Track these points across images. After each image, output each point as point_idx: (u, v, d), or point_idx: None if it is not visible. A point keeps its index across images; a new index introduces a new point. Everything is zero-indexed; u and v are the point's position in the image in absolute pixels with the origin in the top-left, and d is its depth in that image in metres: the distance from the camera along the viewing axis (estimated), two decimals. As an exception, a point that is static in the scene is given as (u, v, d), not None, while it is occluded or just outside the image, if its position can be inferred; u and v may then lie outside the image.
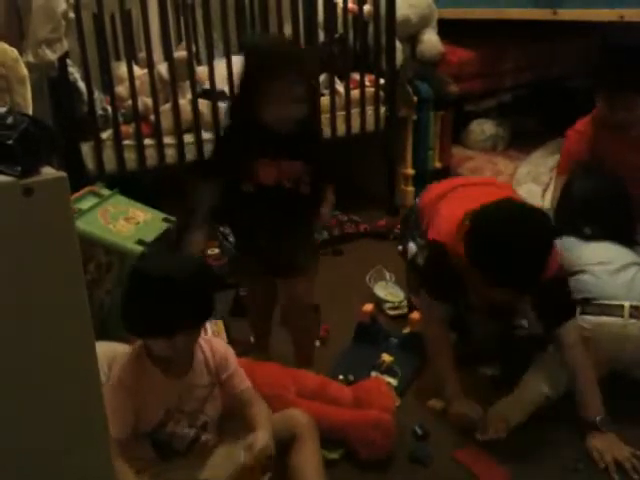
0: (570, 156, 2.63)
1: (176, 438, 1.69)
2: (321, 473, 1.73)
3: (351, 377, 2.23)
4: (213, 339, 1.85)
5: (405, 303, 2.76)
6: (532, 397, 2.03)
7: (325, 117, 3.42)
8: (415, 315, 2.50)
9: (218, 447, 1.75)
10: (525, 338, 2.34)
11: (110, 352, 1.96)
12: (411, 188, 3.77)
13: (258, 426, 1.67)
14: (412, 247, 2.40)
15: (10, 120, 0.82)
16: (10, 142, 0.81)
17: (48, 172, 0.86)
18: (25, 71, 1.05)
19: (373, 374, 2.27)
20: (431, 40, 3.73)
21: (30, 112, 1.07)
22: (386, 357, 2.35)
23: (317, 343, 2.50)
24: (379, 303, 2.75)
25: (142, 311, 1.56)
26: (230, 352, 1.80)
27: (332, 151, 1.98)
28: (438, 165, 3.83)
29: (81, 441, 0.98)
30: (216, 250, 3.14)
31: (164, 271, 1.56)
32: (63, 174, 0.84)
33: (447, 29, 3.76)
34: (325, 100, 3.41)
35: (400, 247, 2.60)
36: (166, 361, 1.65)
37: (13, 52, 1.07)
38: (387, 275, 2.90)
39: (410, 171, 3.76)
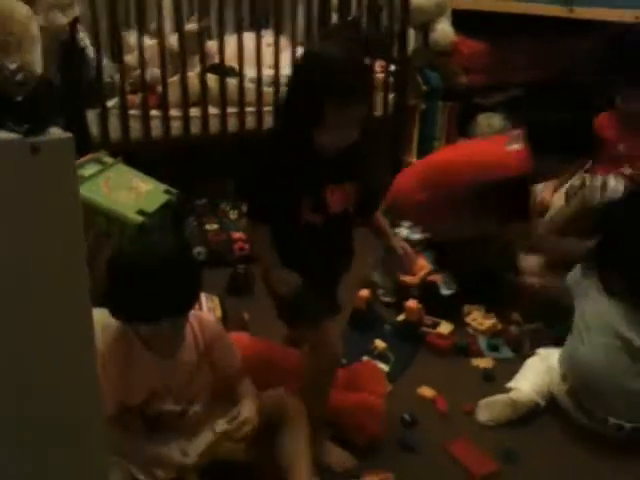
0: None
1: (164, 413, 1.69)
2: (310, 458, 1.73)
3: (344, 360, 2.23)
4: (204, 315, 1.82)
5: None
6: (524, 402, 2.04)
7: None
8: (411, 303, 2.50)
9: (206, 421, 1.75)
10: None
11: (105, 320, 1.96)
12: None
13: (243, 400, 1.68)
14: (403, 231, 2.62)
15: (20, 77, 0.81)
16: (19, 99, 0.80)
17: (55, 132, 0.85)
18: (37, 30, 1.03)
19: (365, 359, 2.28)
20: (444, 29, 3.70)
21: (39, 72, 1.05)
22: (379, 343, 2.36)
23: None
24: (375, 289, 2.75)
25: (125, 297, 1.52)
26: (221, 329, 1.78)
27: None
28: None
29: (77, 407, 0.97)
30: (215, 226, 3.13)
31: (147, 256, 1.52)
32: (69, 135, 0.84)
33: (460, 20, 3.73)
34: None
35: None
36: (153, 341, 1.63)
37: (25, 9, 1.05)
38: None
39: (414, 160, 3.75)
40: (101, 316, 1.91)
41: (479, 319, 2.49)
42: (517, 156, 2.48)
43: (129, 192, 2.37)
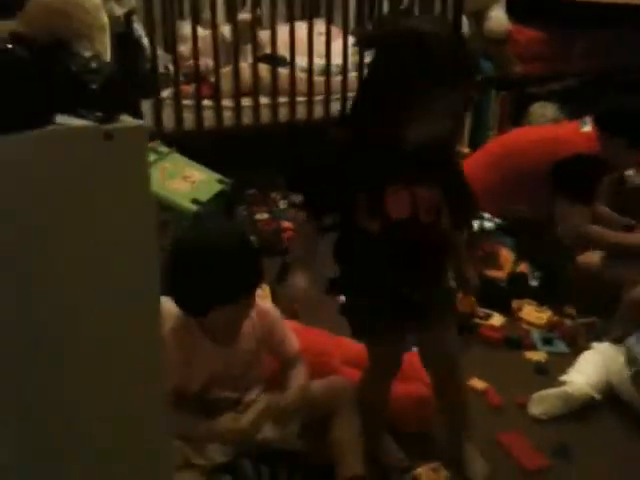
0: None
1: (221, 400, 1.72)
2: (359, 444, 1.73)
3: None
4: (260, 303, 1.85)
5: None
6: (578, 396, 2.00)
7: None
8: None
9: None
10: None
11: (165, 308, 1.99)
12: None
13: (289, 385, 1.69)
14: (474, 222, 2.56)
15: (94, 65, 0.83)
16: (94, 86, 0.82)
17: (127, 120, 0.87)
18: (106, 19, 1.06)
19: (414, 349, 2.26)
20: (498, 17, 3.64)
21: (109, 60, 1.08)
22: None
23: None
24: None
25: (192, 285, 1.52)
26: (278, 317, 1.79)
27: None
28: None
29: (142, 397, 1.00)
30: (265, 215, 3.15)
31: (210, 239, 1.54)
32: (142, 122, 0.85)
33: (515, 7, 3.66)
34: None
35: None
36: (215, 330, 1.65)
37: (95, -1, 1.08)
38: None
39: (466, 150, 3.70)
40: (167, 304, 1.96)
41: (533, 313, 2.45)
42: (589, 136, 2.47)
43: (184, 181, 2.41)
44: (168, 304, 1.90)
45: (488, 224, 2.69)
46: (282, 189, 3.37)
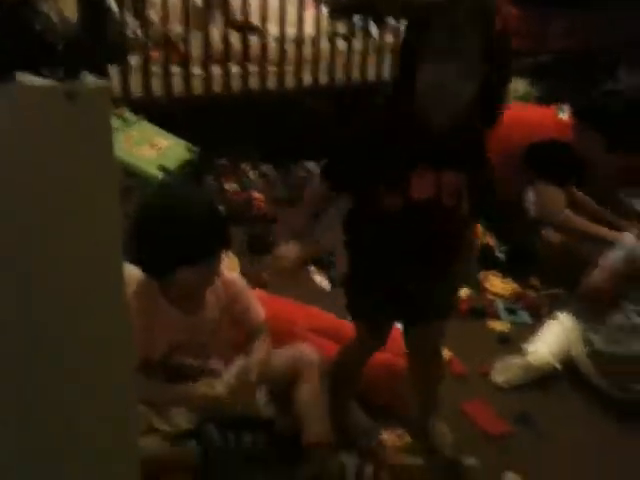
0: None
1: (183, 368, 1.72)
2: (324, 409, 1.75)
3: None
4: (226, 272, 1.83)
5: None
6: (540, 365, 2.05)
7: (357, 60, 3.37)
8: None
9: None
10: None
11: (127, 274, 1.98)
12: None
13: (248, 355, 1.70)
14: None
15: (59, 25, 0.81)
16: (57, 46, 0.80)
17: (90, 80, 0.85)
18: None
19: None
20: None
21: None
22: (398, 305, 2.37)
23: (330, 286, 2.52)
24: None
25: (158, 244, 1.52)
26: (243, 286, 1.79)
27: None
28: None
29: (105, 354, 0.99)
30: (235, 185, 3.13)
31: (178, 201, 1.55)
32: (106, 82, 0.84)
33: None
34: (358, 43, 3.36)
35: None
36: (179, 296, 1.65)
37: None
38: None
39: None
40: (133, 270, 1.94)
41: (498, 284, 2.49)
42: (564, 123, 2.52)
43: (150, 148, 2.38)
44: (130, 269, 1.89)
45: None
46: (252, 159, 3.35)
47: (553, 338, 2.10)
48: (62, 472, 1.02)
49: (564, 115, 2.53)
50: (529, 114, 2.65)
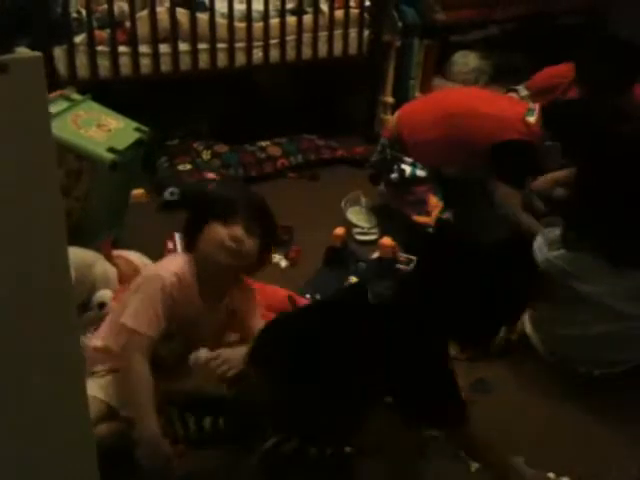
0: None
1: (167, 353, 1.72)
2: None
3: (318, 297, 2.25)
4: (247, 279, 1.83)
5: (376, 230, 2.77)
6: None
7: (307, 37, 3.33)
8: (385, 241, 2.51)
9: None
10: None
11: (77, 259, 1.94)
12: (390, 117, 3.71)
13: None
14: (407, 167, 2.69)
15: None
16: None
17: (24, 52, 0.82)
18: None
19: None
20: (421, -36, 3.62)
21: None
22: (354, 280, 2.37)
23: (284, 264, 2.53)
24: (350, 228, 2.76)
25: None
26: (255, 297, 1.82)
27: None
28: (418, 95, 3.77)
29: (50, 334, 0.97)
30: (188, 166, 3.09)
31: None
32: (39, 54, 0.80)
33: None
34: (308, 19, 3.32)
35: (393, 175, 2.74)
36: (205, 286, 1.69)
37: None
38: (363, 201, 2.90)
39: (390, 99, 3.70)
40: (79, 254, 1.91)
41: None
42: (530, 127, 2.54)
43: (99, 129, 2.31)
44: (84, 253, 1.86)
45: (420, 172, 2.72)
46: (205, 139, 3.30)
47: None
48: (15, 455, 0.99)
49: (532, 118, 2.54)
50: (500, 110, 2.62)
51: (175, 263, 1.69)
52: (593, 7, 3.95)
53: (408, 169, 2.72)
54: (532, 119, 2.54)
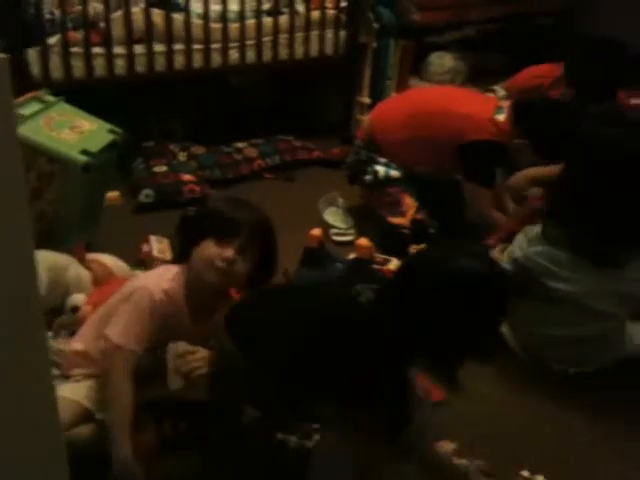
0: None
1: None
2: None
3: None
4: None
5: (353, 230, 2.77)
6: None
7: (283, 38, 3.33)
8: (362, 241, 2.52)
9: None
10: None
11: (50, 262, 1.92)
12: (367, 118, 3.72)
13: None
14: (380, 168, 2.70)
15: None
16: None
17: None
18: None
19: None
20: (396, -35, 3.63)
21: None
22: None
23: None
24: (327, 229, 2.76)
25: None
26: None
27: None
28: (394, 95, 3.78)
29: (17, 339, 0.95)
30: (164, 168, 3.07)
31: None
32: (4, 56, 0.79)
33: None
34: (284, 19, 3.31)
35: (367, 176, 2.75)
36: (195, 304, 1.68)
37: None
38: (339, 202, 2.90)
39: (367, 100, 3.71)
40: (43, 258, 1.89)
41: None
42: (499, 125, 2.53)
43: (72, 131, 2.29)
44: (57, 257, 1.84)
45: (394, 172, 2.73)
46: (181, 140, 3.28)
47: None
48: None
49: (501, 116, 2.54)
50: (469, 109, 2.61)
51: (166, 278, 1.68)
52: (565, 8, 3.98)
53: (382, 170, 2.73)
54: (501, 117, 2.54)
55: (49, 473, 1.08)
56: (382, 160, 2.74)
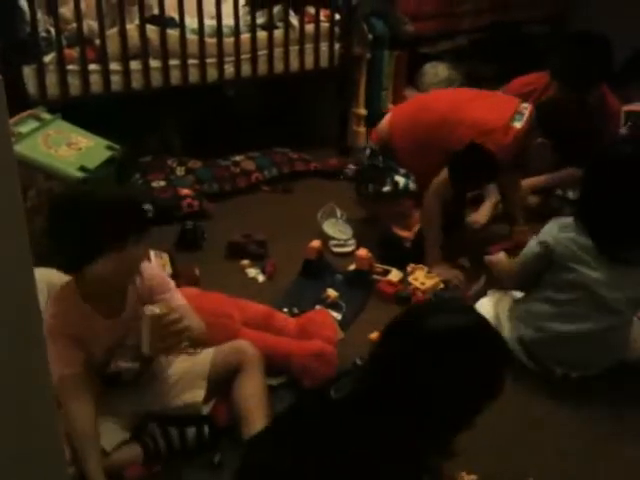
0: None
1: (123, 372, 1.69)
2: (265, 404, 1.75)
3: (295, 310, 2.25)
4: (145, 266, 1.74)
5: (353, 241, 2.77)
6: None
7: (278, 51, 3.35)
8: (361, 252, 2.52)
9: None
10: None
11: (50, 278, 1.92)
12: (363, 129, 3.73)
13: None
14: (400, 179, 2.63)
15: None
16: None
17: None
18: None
19: (318, 307, 2.30)
20: (389, -24, 3.66)
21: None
22: (331, 292, 2.38)
23: (262, 278, 2.52)
24: (326, 240, 2.76)
25: (73, 233, 1.53)
26: (163, 276, 1.78)
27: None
28: (391, 106, 3.80)
29: (18, 359, 0.95)
30: (162, 183, 3.07)
31: (86, 192, 1.64)
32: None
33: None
34: (279, 33, 3.33)
35: (371, 187, 2.70)
36: (100, 301, 1.64)
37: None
38: (338, 213, 2.90)
39: (362, 111, 3.73)
40: (47, 275, 1.89)
41: (421, 279, 2.46)
42: (516, 132, 2.43)
43: (69, 148, 2.31)
44: (55, 273, 1.84)
45: (413, 185, 2.65)
46: (178, 155, 3.30)
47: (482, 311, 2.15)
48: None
49: (518, 124, 2.43)
50: (484, 117, 2.48)
51: (52, 303, 1.63)
52: (555, 16, 4.02)
53: (402, 181, 2.62)
54: (518, 124, 2.43)
55: (49, 473, 1.08)
56: (402, 170, 2.65)
